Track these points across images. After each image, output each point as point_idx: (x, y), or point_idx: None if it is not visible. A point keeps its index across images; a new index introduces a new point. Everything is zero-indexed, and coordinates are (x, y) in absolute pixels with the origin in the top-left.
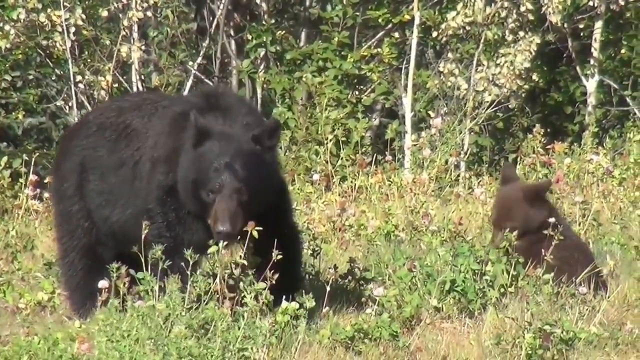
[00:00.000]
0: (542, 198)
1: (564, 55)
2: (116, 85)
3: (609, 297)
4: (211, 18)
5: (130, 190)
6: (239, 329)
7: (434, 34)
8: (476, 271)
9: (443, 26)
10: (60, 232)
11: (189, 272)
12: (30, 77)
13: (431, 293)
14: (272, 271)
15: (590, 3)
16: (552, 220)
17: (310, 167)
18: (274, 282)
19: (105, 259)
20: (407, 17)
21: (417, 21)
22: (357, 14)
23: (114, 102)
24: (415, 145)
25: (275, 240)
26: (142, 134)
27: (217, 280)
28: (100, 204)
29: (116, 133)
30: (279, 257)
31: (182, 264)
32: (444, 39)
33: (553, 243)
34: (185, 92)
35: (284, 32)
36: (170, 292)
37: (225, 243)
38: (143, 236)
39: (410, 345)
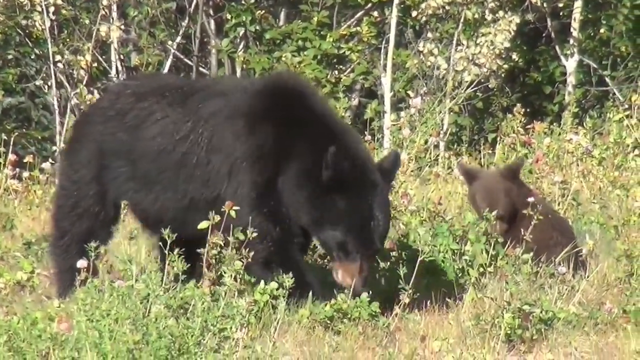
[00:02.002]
0: (518, 178)
1: (544, 34)
2: (95, 64)
3: (588, 277)
4: None
5: (175, 176)
6: (218, 309)
7: (414, 13)
8: (455, 251)
9: (423, 5)
10: (62, 214)
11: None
12: (10, 56)
13: (410, 273)
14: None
15: None
16: (531, 199)
17: None
18: (249, 260)
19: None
20: None
21: (396, 0)
22: None
23: (127, 87)
24: (394, 125)
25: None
26: (179, 122)
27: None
28: (132, 189)
29: (138, 119)
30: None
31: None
32: (424, 18)
33: (532, 223)
34: (165, 72)
35: (263, 11)
36: (149, 272)
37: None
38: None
39: (389, 325)
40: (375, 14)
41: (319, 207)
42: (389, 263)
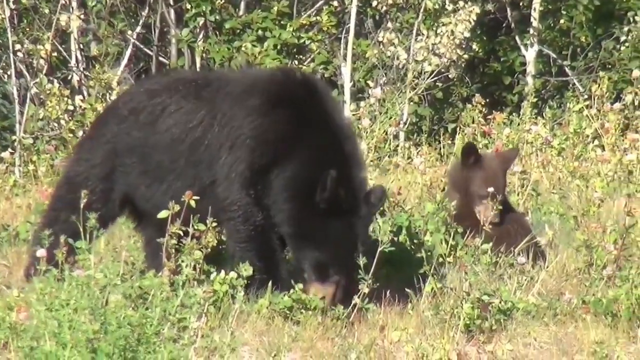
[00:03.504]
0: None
1: (503, 25)
2: (55, 54)
3: (547, 267)
4: None
5: (186, 163)
6: (177, 298)
7: (374, 3)
8: (415, 241)
9: None
10: (62, 204)
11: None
12: None
13: (370, 263)
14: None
15: None
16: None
17: None
18: (209, 250)
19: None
20: None
21: None
22: None
23: (141, 87)
24: (354, 115)
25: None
26: (192, 112)
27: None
28: (143, 183)
29: (152, 115)
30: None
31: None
32: (384, 8)
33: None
34: (124, 62)
35: (223, 1)
36: (107, 262)
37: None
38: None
39: (348, 316)
40: (335, 3)
41: (305, 224)
42: None
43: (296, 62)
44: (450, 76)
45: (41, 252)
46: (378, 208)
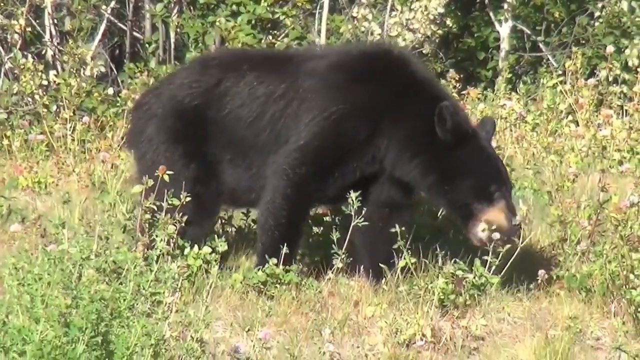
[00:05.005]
0: None
1: (477, 0)
2: (29, 29)
3: (522, 243)
4: None
5: (269, 137)
6: (151, 272)
7: None
8: None
9: None
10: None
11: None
12: None
13: (343, 238)
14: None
15: None
16: None
17: None
18: (183, 224)
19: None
20: None
21: None
22: None
23: (213, 60)
24: None
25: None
26: (274, 85)
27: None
28: (226, 159)
29: (233, 89)
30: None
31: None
32: None
33: None
34: (98, 37)
35: None
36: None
37: None
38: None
39: (322, 290)
40: None
41: (442, 166)
42: (322, 228)
43: (270, 37)
44: (424, 52)
45: (15, 227)
46: (492, 135)
